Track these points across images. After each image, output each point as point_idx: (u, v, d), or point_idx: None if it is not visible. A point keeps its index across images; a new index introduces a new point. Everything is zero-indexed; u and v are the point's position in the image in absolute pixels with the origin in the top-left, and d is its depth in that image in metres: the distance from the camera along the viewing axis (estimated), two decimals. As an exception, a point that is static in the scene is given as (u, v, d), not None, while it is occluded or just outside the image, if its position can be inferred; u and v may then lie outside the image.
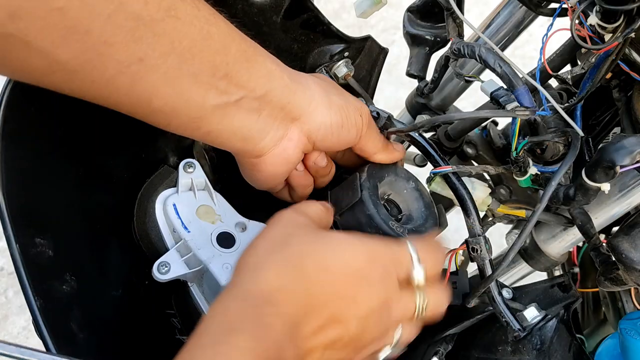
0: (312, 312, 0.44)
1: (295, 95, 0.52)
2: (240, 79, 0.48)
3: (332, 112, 0.54)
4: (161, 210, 0.58)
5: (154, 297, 0.59)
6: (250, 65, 0.49)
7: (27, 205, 0.48)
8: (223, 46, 0.46)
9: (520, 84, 0.55)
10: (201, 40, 0.44)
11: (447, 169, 0.57)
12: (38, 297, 0.44)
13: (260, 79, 0.49)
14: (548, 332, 0.53)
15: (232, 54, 0.47)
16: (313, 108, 0.53)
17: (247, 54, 0.49)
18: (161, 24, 0.41)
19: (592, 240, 0.61)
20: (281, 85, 0.51)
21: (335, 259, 0.46)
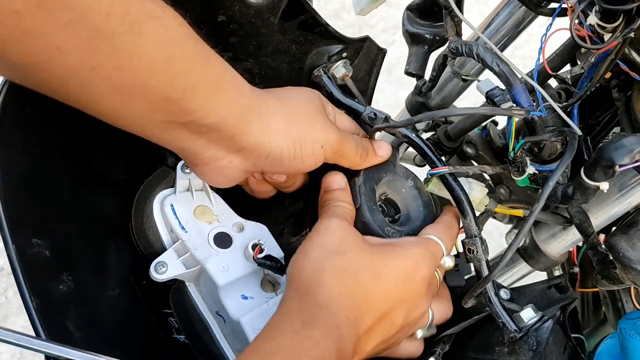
0: (368, 312, 0.51)
1: (248, 126, 0.51)
2: (193, 105, 0.47)
3: (285, 143, 0.53)
4: (159, 211, 0.59)
5: (151, 297, 0.59)
6: (209, 93, 0.48)
7: (23, 206, 0.48)
8: (184, 70, 0.45)
9: (518, 83, 0.54)
10: (162, 60, 0.44)
11: (444, 170, 0.57)
12: (35, 297, 0.44)
13: (217, 107, 0.49)
14: (544, 334, 0.53)
15: (192, 79, 0.46)
16: (264, 140, 0.52)
17: (208, 81, 0.48)
18: (122, 38, 0.41)
19: (590, 239, 0.61)
20: (236, 116, 0.50)
21: (386, 269, 0.52)
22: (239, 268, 0.57)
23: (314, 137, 0.55)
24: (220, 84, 0.49)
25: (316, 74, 0.64)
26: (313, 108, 0.57)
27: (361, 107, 0.62)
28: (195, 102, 0.47)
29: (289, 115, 0.54)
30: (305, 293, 0.50)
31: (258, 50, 0.60)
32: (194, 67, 0.46)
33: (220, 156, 0.52)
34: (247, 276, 0.57)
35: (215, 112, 0.48)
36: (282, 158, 0.53)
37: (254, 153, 0.53)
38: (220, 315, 0.57)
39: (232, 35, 0.58)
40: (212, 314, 0.58)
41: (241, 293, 0.56)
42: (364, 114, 0.62)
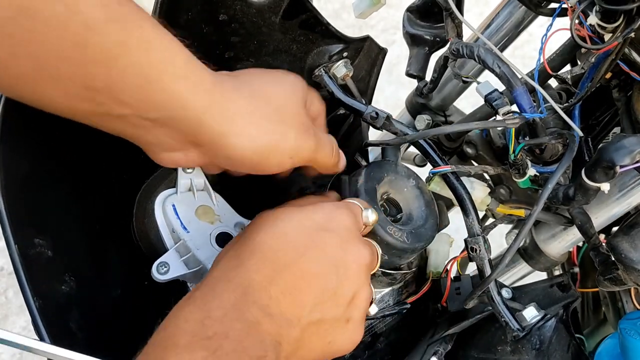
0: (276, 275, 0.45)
1: (206, 128, 0.45)
2: (126, 98, 0.41)
3: (250, 150, 0.47)
4: (160, 211, 0.58)
5: (153, 298, 0.59)
6: (145, 85, 0.41)
7: (26, 206, 0.48)
8: (105, 58, 0.39)
9: (519, 85, 0.55)
10: (71, 49, 0.38)
11: (446, 169, 0.57)
12: (37, 297, 0.44)
13: (158, 103, 0.42)
14: (547, 332, 0.53)
15: (118, 68, 0.40)
16: (225, 142, 0.46)
17: (143, 71, 0.41)
18: (11, 23, 0.36)
19: (592, 240, 0.61)
20: (188, 116, 0.44)
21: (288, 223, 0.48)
22: (241, 268, 0.57)
23: (284, 148, 0.50)
24: (163, 74, 0.42)
25: (317, 73, 0.64)
26: (291, 106, 0.51)
27: (363, 106, 0.62)
28: (128, 95, 0.41)
29: (259, 118, 0.48)
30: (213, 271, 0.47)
31: (259, 50, 0.60)
32: (123, 55, 0.40)
33: (175, 149, 0.47)
34: (249, 276, 0.57)
35: (157, 108, 0.43)
36: (243, 163, 0.49)
37: (211, 152, 0.47)
38: (222, 316, 0.57)
39: (233, 35, 0.58)
40: (214, 315, 0.58)
41: (243, 293, 0.56)
42: (365, 113, 0.62)
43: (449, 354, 0.59)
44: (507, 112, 0.55)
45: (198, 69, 0.45)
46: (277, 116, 0.49)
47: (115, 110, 0.42)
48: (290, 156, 0.50)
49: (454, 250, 0.66)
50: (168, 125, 0.44)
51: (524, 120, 0.54)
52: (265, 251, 0.46)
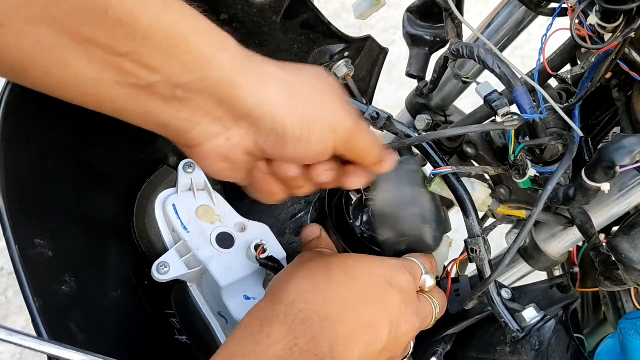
0: (345, 312, 0.47)
1: (241, 90, 0.42)
2: (152, 61, 0.38)
3: (289, 121, 0.43)
4: (161, 211, 0.58)
5: (153, 298, 0.59)
6: (172, 46, 0.38)
7: (26, 207, 0.48)
8: (128, 18, 0.36)
9: (519, 85, 0.55)
10: (90, 8, 0.35)
11: (447, 170, 0.57)
12: (37, 298, 0.44)
13: (187, 64, 0.39)
14: (547, 333, 0.53)
15: (141, 28, 0.37)
16: (265, 108, 0.43)
17: (168, 31, 0.38)
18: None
19: (592, 240, 0.61)
20: (220, 77, 0.41)
21: (360, 268, 0.50)
22: (241, 268, 0.57)
23: (323, 118, 0.45)
24: (187, 34, 0.39)
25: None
26: (325, 84, 0.47)
27: (364, 106, 0.62)
28: (154, 58, 0.38)
29: (292, 87, 0.44)
30: (272, 295, 0.47)
31: (260, 49, 0.60)
32: (144, 13, 0.37)
33: (214, 132, 0.43)
34: (249, 276, 0.57)
35: (184, 70, 0.40)
36: (285, 137, 0.44)
37: (254, 124, 0.43)
38: (223, 316, 0.57)
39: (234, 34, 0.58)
40: (215, 315, 0.58)
41: (243, 294, 0.56)
42: (366, 113, 0.62)
43: (449, 355, 0.59)
44: (506, 114, 0.55)
45: (219, 30, 0.42)
46: (311, 87, 0.46)
47: (144, 78, 0.39)
48: (332, 128, 0.45)
49: (453, 250, 0.66)
50: (201, 91, 0.41)
51: (522, 122, 0.54)
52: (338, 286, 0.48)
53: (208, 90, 0.41)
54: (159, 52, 0.38)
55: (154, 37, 0.38)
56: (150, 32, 0.38)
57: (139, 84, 0.39)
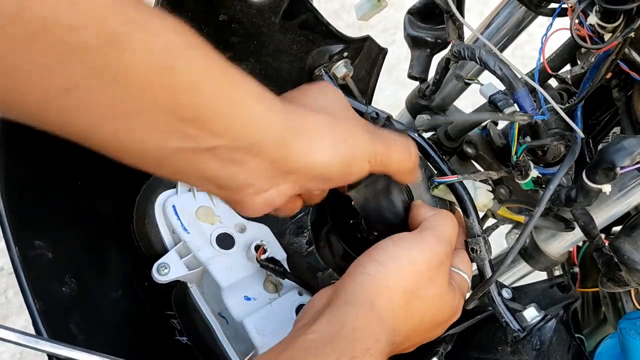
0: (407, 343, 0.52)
1: (292, 147, 0.44)
2: (215, 126, 0.40)
3: (335, 162, 0.47)
4: (161, 212, 0.58)
5: (153, 298, 0.59)
6: (232, 110, 0.41)
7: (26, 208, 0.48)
8: (192, 84, 0.38)
9: (521, 87, 0.55)
10: (158, 75, 0.36)
11: (452, 179, 0.57)
12: (37, 299, 0.44)
13: (245, 128, 0.42)
14: (547, 333, 0.53)
15: (205, 94, 0.39)
16: (313, 161, 0.46)
17: (229, 95, 0.40)
18: (98, 54, 0.34)
19: (595, 241, 0.61)
20: (273, 138, 0.43)
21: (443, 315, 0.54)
22: (242, 269, 0.57)
23: (362, 153, 0.49)
24: (243, 97, 0.41)
25: (317, 73, 0.64)
26: (351, 112, 0.51)
27: (363, 107, 0.62)
28: (215, 122, 0.40)
29: (332, 129, 0.47)
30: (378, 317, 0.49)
31: (259, 50, 0.60)
32: (207, 80, 0.39)
33: (267, 187, 0.46)
34: (249, 277, 0.57)
35: (244, 134, 0.42)
36: (331, 178, 0.48)
37: (303, 176, 0.46)
38: (223, 317, 0.57)
39: (233, 35, 0.58)
40: (215, 315, 0.58)
41: (244, 294, 0.56)
42: (365, 113, 0.62)
43: (450, 354, 0.59)
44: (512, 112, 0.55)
45: (267, 91, 0.44)
46: (344, 124, 0.49)
47: (206, 142, 0.40)
48: (368, 160, 0.49)
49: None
50: (259, 153, 0.43)
51: (532, 118, 0.54)
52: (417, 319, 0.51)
53: (264, 152, 0.43)
54: (222, 117, 0.40)
55: (217, 102, 0.40)
56: (214, 98, 0.39)
57: (200, 148, 0.41)
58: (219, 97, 0.40)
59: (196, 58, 0.39)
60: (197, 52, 0.39)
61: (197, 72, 0.38)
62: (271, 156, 0.44)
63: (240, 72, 0.42)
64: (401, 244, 0.52)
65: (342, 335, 0.46)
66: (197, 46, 0.39)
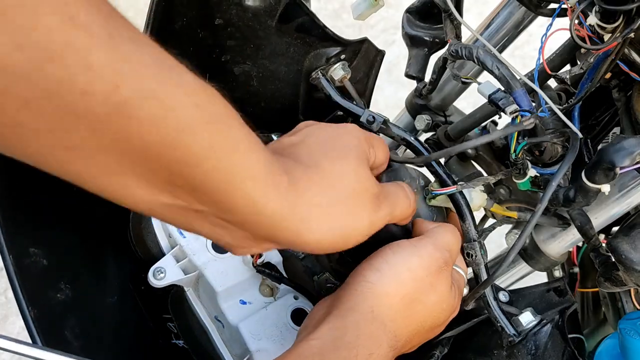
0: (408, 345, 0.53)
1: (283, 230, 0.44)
2: (207, 199, 0.40)
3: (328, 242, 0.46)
4: (157, 216, 0.58)
5: (150, 303, 0.59)
6: (229, 190, 0.40)
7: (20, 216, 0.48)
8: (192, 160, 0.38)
9: (518, 87, 0.54)
10: (161, 147, 0.36)
11: (450, 190, 0.56)
12: (32, 307, 0.44)
13: (239, 208, 0.41)
14: (543, 338, 0.53)
15: (202, 171, 0.38)
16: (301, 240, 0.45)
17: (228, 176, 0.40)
18: (105, 120, 0.34)
19: (592, 242, 0.61)
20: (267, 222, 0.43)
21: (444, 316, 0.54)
22: (238, 273, 0.57)
23: (360, 231, 0.48)
24: (245, 180, 0.41)
25: (314, 76, 0.64)
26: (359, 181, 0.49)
27: (360, 110, 0.62)
28: (210, 196, 0.40)
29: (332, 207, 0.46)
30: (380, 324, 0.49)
31: (256, 53, 0.60)
32: (209, 157, 0.38)
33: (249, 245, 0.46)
34: (245, 281, 0.57)
35: (237, 212, 0.41)
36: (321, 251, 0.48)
37: (291, 246, 0.47)
38: (219, 321, 0.57)
39: (230, 39, 0.58)
40: (211, 319, 0.58)
41: (240, 298, 0.56)
42: (362, 117, 0.61)
43: (446, 357, 0.59)
44: (514, 111, 0.55)
45: (275, 168, 0.44)
46: (348, 198, 0.48)
47: (194, 207, 0.41)
48: (366, 234, 0.49)
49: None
50: (245, 228, 0.43)
51: (537, 119, 0.54)
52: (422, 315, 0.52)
53: (252, 229, 0.43)
54: (214, 193, 0.40)
55: (213, 180, 0.39)
56: (210, 175, 0.39)
57: (190, 208, 0.41)
58: (216, 176, 0.39)
59: (204, 135, 0.38)
60: (206, 129, 0.38)
61: (200, 150, 0.38)
62: (260, 233, 0.44)
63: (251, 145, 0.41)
64: (400, 252, 0.52)
65: (345, 342, 0.46)
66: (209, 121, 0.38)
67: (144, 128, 0.35)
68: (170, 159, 0.37)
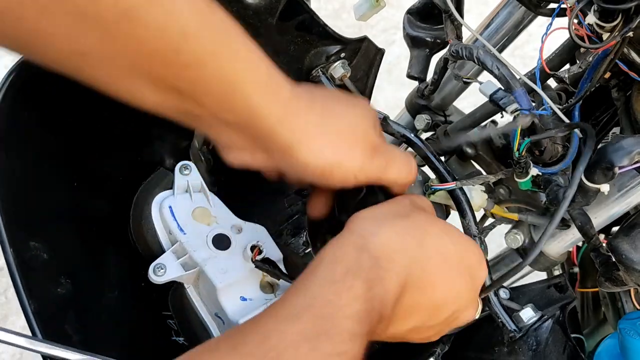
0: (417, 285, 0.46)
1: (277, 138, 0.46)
2: (206, 101, 0.43)
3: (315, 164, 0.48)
4: (157, 212, 0.58)
5: (150, 299, 0.59)
6: (227, 93, 0.43)
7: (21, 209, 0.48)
8: (195, 64, 0.41)
9: (518, 86, 0.54)
10: (166, 50, 0.39)
11: (450, 186, 0.56)
12: (32, 300, 0.44)
13: (236, 110, 0.44)
14: (543, 333, 0.53)
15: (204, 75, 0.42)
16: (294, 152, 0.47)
17: (228, 79, 0.43)
18: (114, 26, 0.37)
19: (592, 241, 0.61)
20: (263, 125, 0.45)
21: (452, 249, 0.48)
22: (238, 270, 0.57)
23: (348, 167, 0.49)
24: (246, 84, 0.43)
25: (315, 74, 0.64)
26: (361, 125, 0.51)
27: (360, 108, 0.62)
28: (209, 98, 0.43)
29: (327, 134, 0.48)
30: (358, 238, 0.45)
31: (257, 52, 0.60)
32: (209, 61, 0.41)
33: (243, 146, 0.48)
34: (246, 277, 0.57)
35: (234, 113, 0.44)
36: (305, 175, 0.49)
37: (280, 159, 0.48)
38: (219, 317, 0.57)
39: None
40: (211, 316, 0.58)
41: (240, 294, 0.56)
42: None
43: (447, 354, 0.59)
44: (515, 110, 0.55)
45: (278, 80, 0.46)
46: (346, 134, 0.49)
47: (195, 110, 0.44)
48: (354, 174, 0.50)
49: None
50: (242, 130, 0.46)
51: (534, 118, 0.54)
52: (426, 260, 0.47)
53: (248, 131, 0.46)
54: (215, 95, 0.43)
55: (214, 83, 0.42)
56: (212, 78, 0.42)
57: (191, 112, 0.44)
58: (217, 79, 0.42)
59: (206, 41, 0.41)
60: (208, 34, 0.41)
61: (203, 54, 0.41)
62: (254, 135, 0.46)
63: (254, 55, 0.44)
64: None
65: (322, 266, 0.43)
66: (210, 28, 0.41)
67: (149, 33, 0.38)
68: (175, 63, 0.40)
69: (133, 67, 0.40)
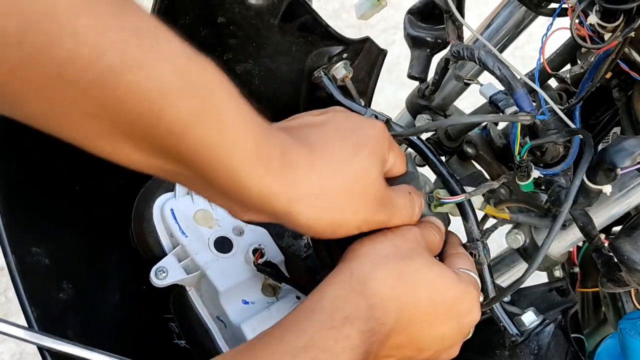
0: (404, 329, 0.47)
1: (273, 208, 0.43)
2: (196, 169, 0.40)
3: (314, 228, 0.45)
4: (159, 215, 0.58)
5: (152, 302, 0.59)
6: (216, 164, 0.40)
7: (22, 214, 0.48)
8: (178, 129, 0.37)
9: (520, 87, 0.54)
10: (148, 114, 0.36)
11: (459, 199, 0.56)
12: (34, 306, 0.44)
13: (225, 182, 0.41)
14: (545, 338, 0.53)
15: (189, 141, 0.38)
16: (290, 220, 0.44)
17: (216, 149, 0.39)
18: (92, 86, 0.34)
19: (594, 242, 0.61)
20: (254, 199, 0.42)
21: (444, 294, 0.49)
22: (240, 273, 0.57)
23: (351, 224, 0.47)
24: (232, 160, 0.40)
25: (316, 75, 0.64)
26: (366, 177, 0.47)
27: (362, 109, 0.62)
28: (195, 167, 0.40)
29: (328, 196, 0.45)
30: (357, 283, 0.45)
31: (258, 52, 0.60)
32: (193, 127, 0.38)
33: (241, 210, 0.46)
34: (247, 281, 0.57)
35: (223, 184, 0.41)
36: (308, 233, 0.48)
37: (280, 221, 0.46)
38: (221, 320, 0.57)
39: (232, 37, 0.58)
40: (213, 319, 0.58)
41: (242, 298, 0.56)
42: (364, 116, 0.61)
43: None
44: (514, 112, 0.55)
45: (268, 148, 0.42)
46: (349, 191, 0.46)
47: (184, 173, 0.41)
48: (358, 228, 0.48)
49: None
50: (233, 199, 0.43)
51: (534, 118, 0.54)
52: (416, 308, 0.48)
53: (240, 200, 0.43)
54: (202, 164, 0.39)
55: (199, 152, 0.39)
56: (197, 147, 0.38)
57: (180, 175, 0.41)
58: (202, 148, 0.39)
59: (189, 104, 0.37)
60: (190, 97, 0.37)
61: (185, 119, 0.37)
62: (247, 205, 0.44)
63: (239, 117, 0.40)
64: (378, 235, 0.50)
65: (321, 307, 0.44)
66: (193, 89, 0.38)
67: (129, 96, 0.35)
68: (157, 128, 0.37)
69: (115, 128, 0.37)
